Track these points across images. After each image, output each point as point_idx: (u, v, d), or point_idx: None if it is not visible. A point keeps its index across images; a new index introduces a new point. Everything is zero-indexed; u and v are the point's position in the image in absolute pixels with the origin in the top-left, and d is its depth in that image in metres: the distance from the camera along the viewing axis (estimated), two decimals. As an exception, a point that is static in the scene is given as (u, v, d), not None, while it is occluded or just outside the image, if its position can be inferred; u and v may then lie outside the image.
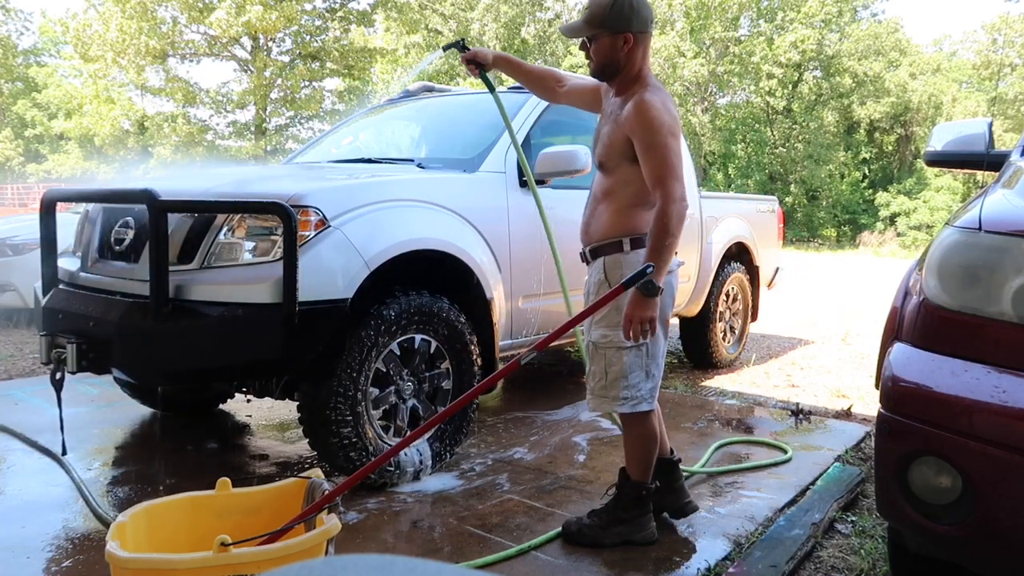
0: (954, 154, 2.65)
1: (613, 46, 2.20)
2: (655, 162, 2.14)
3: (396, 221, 2.80)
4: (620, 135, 2.22)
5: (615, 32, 2.18)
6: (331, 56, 20.26)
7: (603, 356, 2.30)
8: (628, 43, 2.19)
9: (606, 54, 2.22)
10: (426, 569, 0.42)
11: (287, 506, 1.92)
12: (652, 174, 2.16)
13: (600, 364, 2.32)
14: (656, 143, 2.13)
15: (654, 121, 2.13)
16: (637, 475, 2.40)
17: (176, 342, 2.48)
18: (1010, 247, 1.54)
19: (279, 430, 3.62)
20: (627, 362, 2.27)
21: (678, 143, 2.18)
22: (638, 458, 2.40)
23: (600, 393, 2.33)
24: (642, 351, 2.27)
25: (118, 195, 2.99)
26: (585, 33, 2.24)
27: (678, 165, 2.15)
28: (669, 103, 2.22)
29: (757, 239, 5.41)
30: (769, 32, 30.05)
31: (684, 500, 2.54)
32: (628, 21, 2.17)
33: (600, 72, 2.30)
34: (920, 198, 28.95)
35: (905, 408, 1.58)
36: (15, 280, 6.04)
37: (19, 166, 33.59)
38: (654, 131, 2.13)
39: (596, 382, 2.34)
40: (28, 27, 41.34)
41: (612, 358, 2.28)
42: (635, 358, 2.27)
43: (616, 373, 2.28)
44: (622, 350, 2.26)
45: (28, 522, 2.49)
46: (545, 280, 3.46)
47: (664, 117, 2.15)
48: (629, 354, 2.27)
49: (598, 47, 2.23)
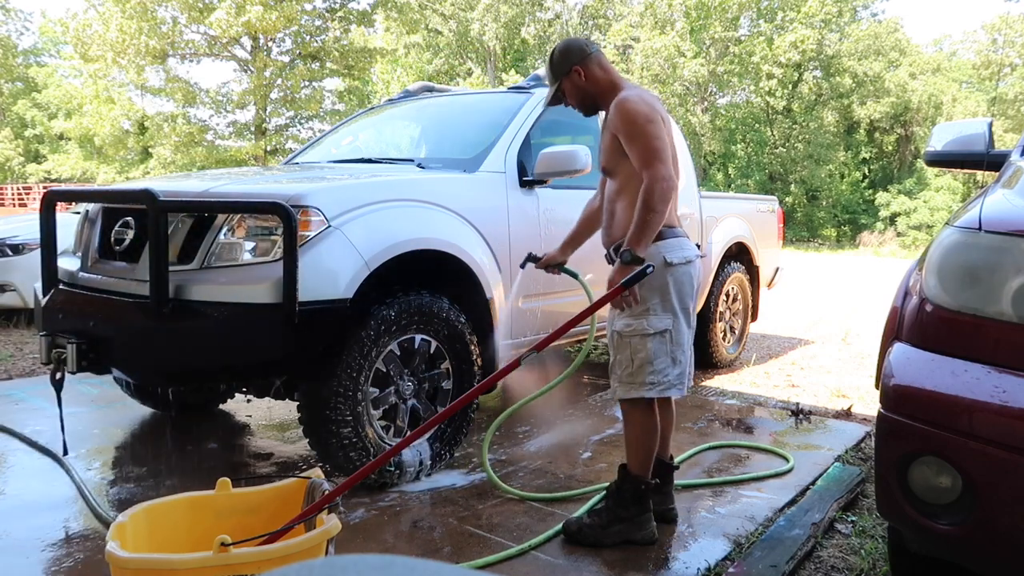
0: (954, 154, 2.65)
1: (574, 84, 2.47)
2: (638, 149, 2.29)
3: (396, 221, 2.80)
4: (610, 137, 2.40)
5: (567, 74, 2.46)
6: (331, 56, 20.25)
7: (628, 344, 2.36)
8: (581, 74, 2.45)
9: (575, 93, 2.50)
10: (426, 569, 0.42)
11: (287, 506, 1.92)
12: (638, 160, 2.29)
13: (626, 352, 2.37)
14: (636, 132, 2.29)
15: (630, 113, 2.30)
16: (637, 469, 2.41)
17: (176, 342, 2.48)
18: (1010, 247, 1.54)
19: (279, 430, 3.62)
20: (652, 348, 2.34)
21: (658, 128, 2.29)
22: (639, 450, 2.42)
23: (627, 380, 2.38)
24: (666, 337, 2.35)
25: (118, 195, 3.00)
26: (553, 91, 2.54)
27: (661, 148, 2.26)
28: (647, 96, 2.39)
29: (757, 239, 5.41)
30: (769, 32, 30.07)
31: (668, 505, 2.58)
32: (567, 62, 2.45)
33: (584, 108, 2.54)
34: (920, 198, 28.95)
35: (905, 408, 1.58)
36: (15, 280, 6.04)
37: (19, 166, 33.59)
38: (631, 121, 2.30)
39: (623, 370, 2.39)
40: (28, 27, 41.49)
41: (637, 345, 2.35)
42: (660, 344, 2.34)
43: (642, 359, 2.35)
44: (646, 337, 2.33)
45: (28, 522, 2.49)
46: (545, 280, 3.46)
47: (640, 107, 2.30)
48: (653, 340, 2.34)
49: (568, 93, 2.51)
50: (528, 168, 3.41)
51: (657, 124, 2.29)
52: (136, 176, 26.74)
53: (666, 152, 2.26)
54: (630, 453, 2.44)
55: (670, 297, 2.35)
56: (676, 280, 2.35)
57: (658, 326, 2.33)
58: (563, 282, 3.26)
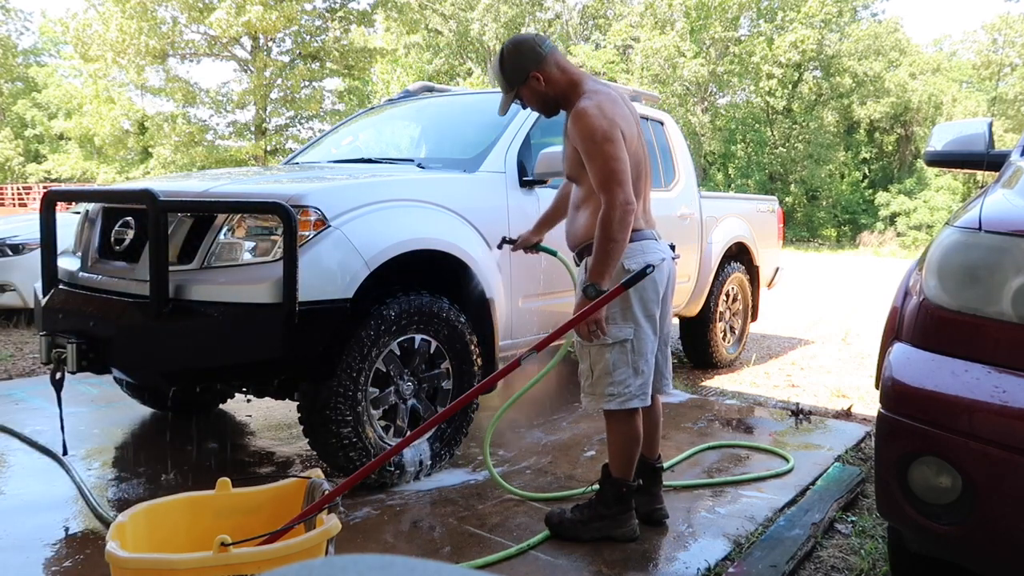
0: (954, 154, 2.65)
1: (534, 91, 2.34)
2: (595, 169, 2.19)
3: (396, 221, 2.80)
4: (571, 147, 2.30)
5: (525, 81, 2.32)
6: (331, 56, 20.25)
7: (588, 354, 2.34)
8: (540, 79, 2.32)
9: (535, 99, 2.38)
10: (426, 569, 0.42)
11: (287, 506, 1.92)
12: (595, 181, 2.20)
13: (587, 362, 2.36)
14: (593, 151, 2.17)
15: (587, 129, 2.18)
16: (619, 472, 2.42)
17: (176, 342, 2.48)
18: (1010, 247, 1.54)
19: (279, 430, 3.62)
20: (610, 359, 2.29)
21: (616, 147, 2.16)
22: (620, 456, 2.41)
23: (589, 391, 2.36)
24: (626, 347, 2.29)
25: (118, 195, 3.00)
26: (511, 98, 2.41)
27: (619, 170, 2.14)
28: (608, 105, 2.23)
29: (757, 239, 5.41)
30: (769, 32, 30.04)
31: (656, 506, 2.55)
32: (522, 68, 2.31)
33: (545, 112, 2.43)
34: (920, 198, 28.94)
35: (905, 408, 1.58)
36: (15, 280, 6.04)
37: (19, 166, 33.59)
38: (589, 139, 2.18)
39: (585, 380, 2.38)
40: (28, 27, 41.47)
41: (595, 356, 2.32)
42: (619, 355, 2.29)
43: (601, 370, 2.31)
44: (604, 347, 2.29)
45: (28, 522, 2.49)
46: (545, 280, 3.46)
47: (597, 123, 2.16)
48: (612, 351, 2.29)
49: (527, 100, 2.39)
50: (528, 168, 3.41)
51: (614, 142, 2.16)
52: (136, 176, 26.73)
53: (624, 174, 2.14)
54: (611, 457, 2.45)
55: (631, 305, 2.27)
56: (638, 287, 2.24)
57: (618, 336, 2.27)
58: (563, 282, 3.27)
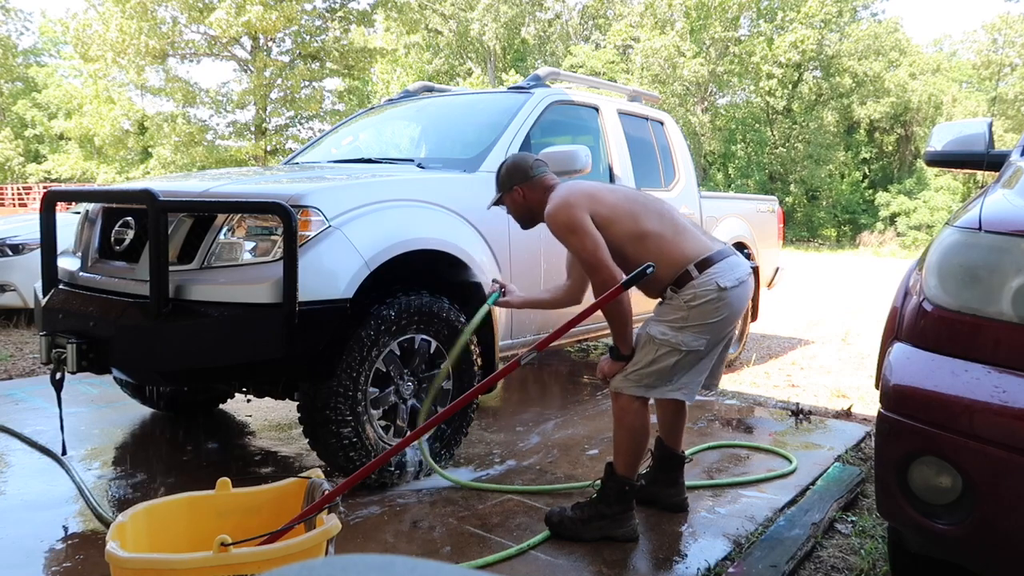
0: (954, 154, 2.65)
1: (514, 201, 2.59)
2: (578, 259, 2.41)
3: (396, 221, 2.80)
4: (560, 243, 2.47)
5: (509, 191, 2.59)
6: (331, 56, 20.23)
7: (654, 350, 2.35)
8: (521, 194, 2.57)
9: (513, 208, 2.62)
10: (426, 569, 0.42)
11: (287, 506, 1.92)
12: (583, 268, 2.40)
13: (647, 356, 2.36)
14: (569, 244, 2.39)
15: (554, 226, 2.38)
16: (623, 470, 2.43)
17: (176, 342, 2.48)
18: (1010, 247, 1.54)
19: (279, 430, 3.62)
20: (670, 362, 2.34)
21: (580, 237, 2.30)
22: (626, 452, 2.43)
23: (634, 379, 2.37)
24: (690, 358, 2.36)
25: (118, 195, 3.00)
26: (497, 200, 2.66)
27: (589, 257, 2.30)
28: (572, 196, 2.38)
29: (757, 239, 5.41)
30: (769, 32, 30.05)
31: (681, 496, 2.66)
32: (510, 181, 2.57)
33: (521, 222, 2.66)
34: (920, 198, 28.93)
35: (905, 408, 1.58)
36: (15, 280, 6.04)
37: (19, 166, 33.58)
38: (560, 235, 2.38)
39: (633, 367, 2.38)
40: (28, 27, 41.45)
41: (662, 356, 2.34)
42: (685, 360, 2.35)
43: (661, 370, 2.35)
44: (674, 351, 2.32)
45: (28, 522, 2.49)
46: (545, 280, 3.46)
47: (559, 218, 2.34)
48: (682, 357, 2.33)
49: (508, 207, 2.64)
50: (528, 168, 3.40)
51: (578, 232, 2.30)
52: (136, 176, 26.73)
53: (595, 257, 2.28)
54: (617, 453, 2.46)
55: (715, 320, 2.32)
56: (727, 303, 2.31)
57: (693, 345, 2.32)
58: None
